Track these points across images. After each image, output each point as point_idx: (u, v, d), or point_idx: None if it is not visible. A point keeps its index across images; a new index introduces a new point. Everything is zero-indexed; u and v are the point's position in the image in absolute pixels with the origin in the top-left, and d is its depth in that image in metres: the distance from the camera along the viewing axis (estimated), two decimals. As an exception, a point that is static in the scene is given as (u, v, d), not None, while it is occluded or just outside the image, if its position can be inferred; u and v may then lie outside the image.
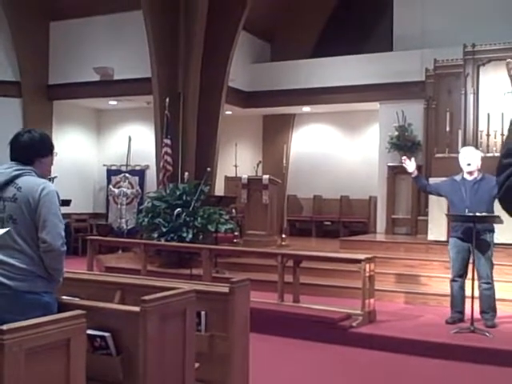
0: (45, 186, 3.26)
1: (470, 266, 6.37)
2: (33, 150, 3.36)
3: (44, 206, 3.20)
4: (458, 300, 6.49)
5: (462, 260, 6.42)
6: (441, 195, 6.88)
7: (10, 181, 3.26)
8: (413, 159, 6.90)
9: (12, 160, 3.37)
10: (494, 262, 6.48)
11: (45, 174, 3.43)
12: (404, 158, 6.96)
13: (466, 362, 5.54)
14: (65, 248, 3.26)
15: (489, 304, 6.38)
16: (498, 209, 6.35)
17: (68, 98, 13.13)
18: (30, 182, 3.27)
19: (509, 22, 10.94)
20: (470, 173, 6.46)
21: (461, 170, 6.60)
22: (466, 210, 6.24)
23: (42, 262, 3.21)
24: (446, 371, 5.43)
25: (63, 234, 3.26)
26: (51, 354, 2.46)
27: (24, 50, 12.61)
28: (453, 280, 6.52)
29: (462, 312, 6.48)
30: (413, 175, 6.82)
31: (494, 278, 6.47)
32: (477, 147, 10.01)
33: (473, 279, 6.22)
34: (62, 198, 3.34)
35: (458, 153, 10.24)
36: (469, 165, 6.46)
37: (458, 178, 6.58)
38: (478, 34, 10.70)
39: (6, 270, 3.16)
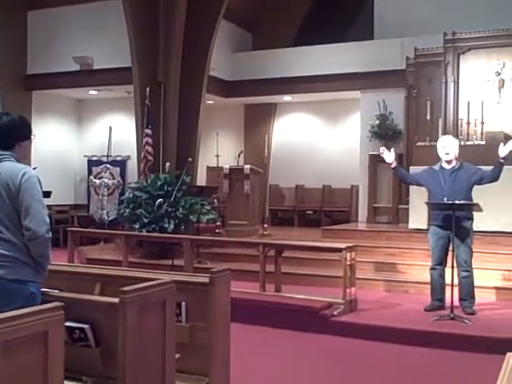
0: (25, 171, 3.17)
1: (450, 254, 6.44)
2: (13, 134, 3.28)
3: (26, 192, 3.11)
4: (437, 288, 6.56)
5: (441, 248, 6.47)
6: (420, 185, 6.89)
7: None
8: (392, 150, 6.85)
9: None
10: (474, 250, 6.54)
11: (22, 158, 3.35)
12: (382, 148, 6.92)
13: (446, 350, 5.59)
14: (50, 234, 3.18)
15: (467, 291, 6.44)
16: (476, 197, 6.41)
17: (47, 88, 13.00)
18: (9, 167, 3.18)
19: (489, 11, 11.00)
20: (448, 162, 6.49)
21: (439, 159, 6.63)
22: (445, 199, 6.27)
23: (27, 250, 3.14)
24: (427, 358, 5.47)
25: (47, 219, 3.18)
26: (28, 346, 2.43)
27: (1, 39, 12.42)
28: (432, 268, 6.57)
29: (441, 300, 6.54)
30: (392, 166, 6.77)
31: (474, 266, 6.53)
32: (457, 135, 10.10)
33: (452, 267, 6.28)
34: (42, 190, 3.27)
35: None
36: (447, 154, 6.48)
37: (436, 167, 6.60)
38: (458, 23, 10.74)
39: None
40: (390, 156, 6.73)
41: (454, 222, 6.13)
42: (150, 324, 3.16)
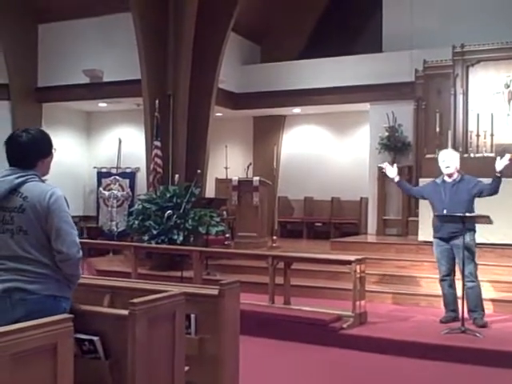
0: (53, 192, 3.10)
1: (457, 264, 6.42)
2: (35, 152, 3.17)
3: (54, 214, 3.06)
4: (449, 299, 6.56)
5: (446, 259, 6.51)
6: (424, 198, 6.99)
7: (14, 189, 3.08)
8: (395, 165, 6.97)
9: (11, 165, 3.15)
10: (484, 262, 6.51)
11: (44, 174, 3.26)
12: (385, 164, 7.01)
13: (457, 363, 5.53)
14: (81, 254, 3.14)
15: (475, 302, 6.40)
16: (487, 209, 6.37)
17: (57, 101, 13.07)
18: (35, 189, 3.09)
19: (497, 23, 10.99)
20: (449, 175, 6.54)
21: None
22: (445, 211, 6.33)
23: (58, 268, 3.10)
24: (438, 372, 5.42)
25: (77, 240, 3.13)
26: (38, 358, 2.43)
27: (12, 52, 12.52)
28: (441, 280, 6.59)
29: (455, 310, 6.52)
30: (395, 180, 6.88)
31: (484, 278, 6.49)
32: (466, 148, 10.09)
33: (462, 279, 6.24)
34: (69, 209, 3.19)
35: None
36: (447, 167, 6.54)
37: (438, 180, 6.68)
38: (467, 35, 10.72)
39: (24, 275, 3.03)
40: (392, 171, 6.85)
41: (460, 233, 6.09)
42: (160, 336, 3.14)
